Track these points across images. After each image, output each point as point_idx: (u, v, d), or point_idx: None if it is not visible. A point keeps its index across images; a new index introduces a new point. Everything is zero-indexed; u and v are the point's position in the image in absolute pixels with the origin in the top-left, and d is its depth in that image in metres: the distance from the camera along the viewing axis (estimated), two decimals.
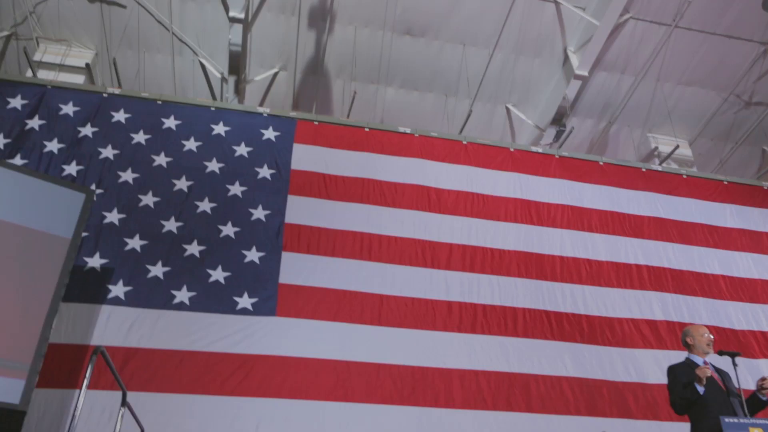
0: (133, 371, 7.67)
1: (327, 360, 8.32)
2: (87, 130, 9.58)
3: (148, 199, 9.17)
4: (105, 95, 10.11)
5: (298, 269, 8.98)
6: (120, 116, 9.90)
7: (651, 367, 9.24)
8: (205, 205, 9.31)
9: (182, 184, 9.44)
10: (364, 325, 8.73)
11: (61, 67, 12.14)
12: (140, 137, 9.77)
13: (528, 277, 9.86)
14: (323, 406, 8.00)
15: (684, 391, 4.71)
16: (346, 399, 8.12)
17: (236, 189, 9.60)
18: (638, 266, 10.53)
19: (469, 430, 8.24)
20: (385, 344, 8.60)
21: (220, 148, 10.02)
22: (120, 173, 9.32)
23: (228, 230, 9.18)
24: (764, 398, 4.81)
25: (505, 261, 9.93)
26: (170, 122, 10.08)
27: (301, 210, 9.58)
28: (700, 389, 4.63)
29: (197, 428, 7.44)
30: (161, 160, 9.62)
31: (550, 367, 9.02)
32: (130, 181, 9.29)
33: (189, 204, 9.27)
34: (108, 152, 9.46)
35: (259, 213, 9.42)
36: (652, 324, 9.88)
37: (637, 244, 10.82)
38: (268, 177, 9.87)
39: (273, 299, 8.65)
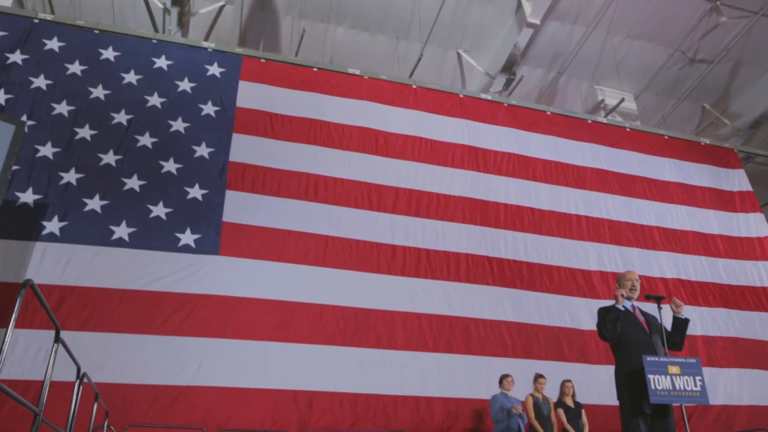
0: (69, 310, 7.49)
1: (270, 300, 8.31)
2: (16, 57, 9.03)
3: (85, 132, 8.78)
4: (36, 21, 9.52)
5: (242, 208, 8.85)
6: (53, 44, 9.36)
7: (584, 314, 9.60)
8: (145, 140, 9.00)
9: (121, 117, 9.07)
10: (308, 266, 8.73)
11: None
12: (76, 68, 9.29)
13: (472, 223, 10.01)
14: (266, 347, 8.02)
15: (607, 314, 5.01)
16: (289, 339, 8.17)
17: (179, 125, 9.29)
18: (578, 216, 10.82)
19: (410, 370, 8.45)
20: (329, 285, 8.65)
21: (162, 82, 9.64)
22: (54, 105, 8.87)
23: (170, 166, 8.92)
24: (682, 316, 5.14)
25: (450, 206, 10.03)
26: (108, 53, 9.61)
27: (246, 148, 9.38)
28: (620, 307, 4.93)
29: (138, 368, 7.36)
30: (99, 92, 9.19)
31: (491, 312, 9.27)
32: (65, 114, 8.86)
33: (129, 138, 8.94)
34: (40, 82, 8.97)
35: (202, 150, 9.17)
36: (586, 274, 10.22)
37: (579, 195, 11.09)
38: (212, 114, 9.58)
39: (216, 237, 8.52)
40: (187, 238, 8.39)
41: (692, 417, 9.18)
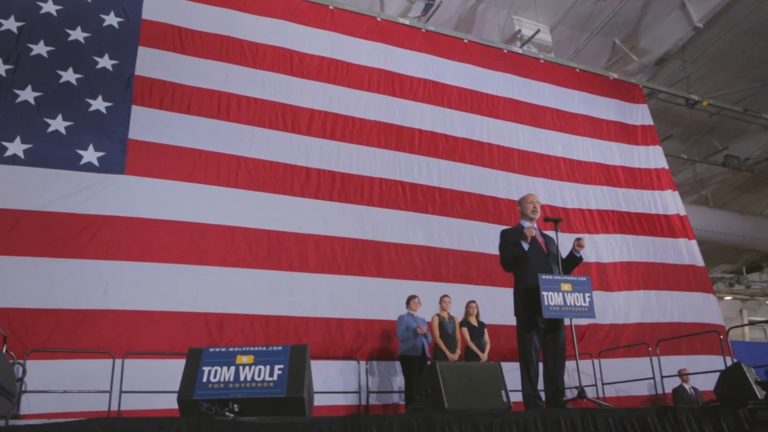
0: None
1: (180, 222, 8.10)
2: None
3: None
4: None
5: (149, 125, 8.43)
6: None
7: (492, 239, 9.88)
8: (40, 49, 8.28)
9: (10, 24, 8.27)
10: (219, 187, 8.52)
11: None
12: None
13: (387, 147, 10.03)
14: (175, 269, 7.88)
15: (512, 248, 5.21)
16: (199, 262, 8.05)
17: (77, 34, 8.60)
18: (490, 145, 11.05)
19: (322, 292, 8.57)
20: (241, 207, 8.51)
21: None
22: None
23: (69, 76, 8.28)
24: (578, 255, 5.45)
25: (365, 130, 9.99)
26: None
27: (153, 63, 8.85)
28: (525, 246, 5.17)
29: (38, 292, 7.06)
30: None
31: (402, 236, 9.46)
32: None
33: (21, 47, 8.20)
34: None
35: (105, 62, 8.56)
36: (496, 201, 10.56)
37: (492, 124, 11.29)
38: (116, 25, 8.93)
39: (122, 155, 8.11)
40: (90, 155, 7.94)
41: (585, 335, 9.88)
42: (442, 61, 11.34)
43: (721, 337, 8.43)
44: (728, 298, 21.50)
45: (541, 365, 5.18)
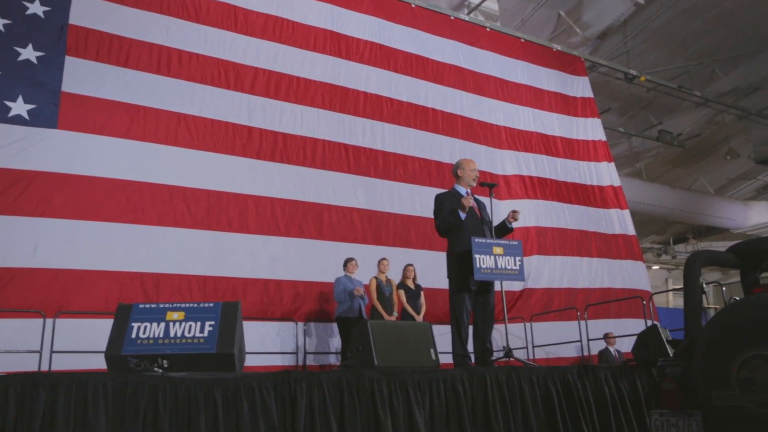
0: None
1: (116, 180, 7.90)
2: None
3: None
4: None
5: (84, 77, 8.08)
6: None
7: (432, 203, 10.07)
8: None
9: None
10: (158, 145, 8.30)
11: None
12: None
13: (331, 109, 9.95)
14: (111, 228, 7.70)
15: (449, 216, 5.34)
16: (136, 221, 7.89)
17: None
18: (434, 110, 11.11)
19: (261, 253, 8.56)
20: (180, 166, 8.34)
21: None
22: None
23: None
24: (510, 225, 5.62)
25: (310, 91, 9.87)
26: None
27: (88, 12, 8.41)
28: (462, 215, 5.29)
29: None
30: None
31: (344, 199, 9.48)
32: None
33: None
34: None
35: (35, 7, 8.08)
36: (439, 165, 10.66)
37: (436, 90, 11.33)
38: None
39: (54, 109, 7.78)
40: (20, 107, 7.57)
41: (519, 299, 10.22)
42: (388, 24, 11.25)
43: (644, 301, 8.86)
44: (655, 267, 22.47)
45: (471, 327, 5.36)
